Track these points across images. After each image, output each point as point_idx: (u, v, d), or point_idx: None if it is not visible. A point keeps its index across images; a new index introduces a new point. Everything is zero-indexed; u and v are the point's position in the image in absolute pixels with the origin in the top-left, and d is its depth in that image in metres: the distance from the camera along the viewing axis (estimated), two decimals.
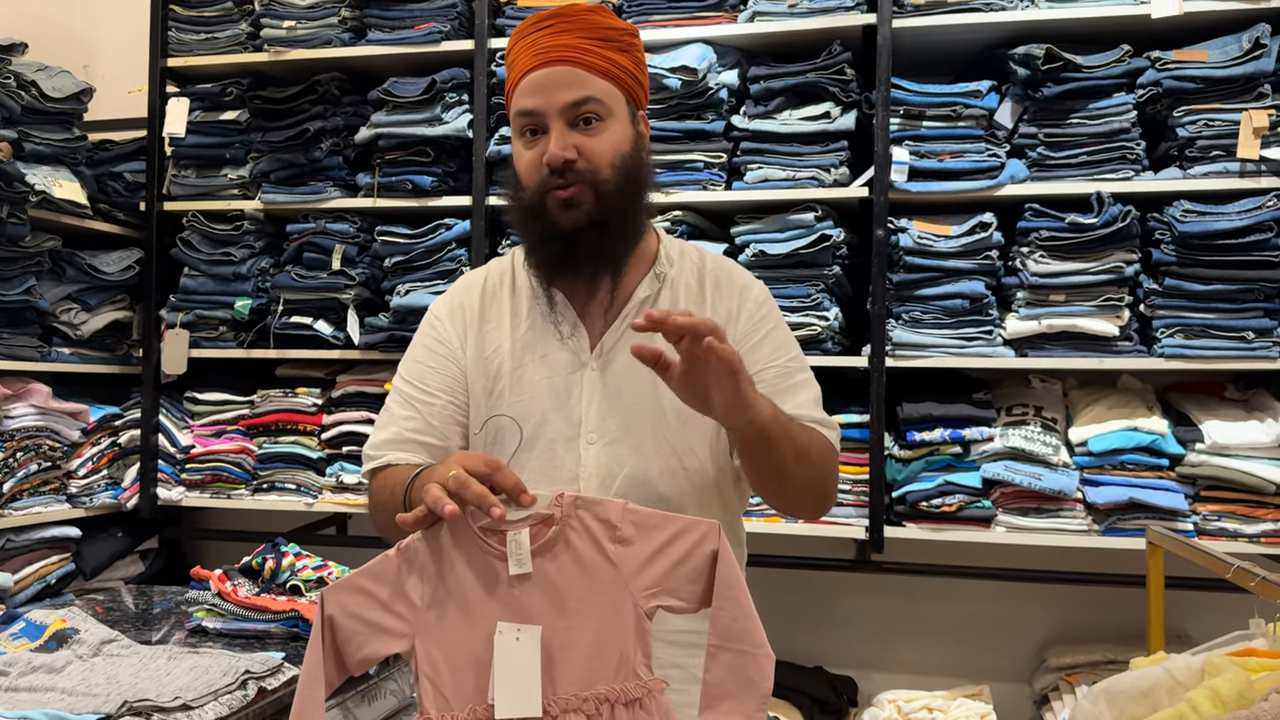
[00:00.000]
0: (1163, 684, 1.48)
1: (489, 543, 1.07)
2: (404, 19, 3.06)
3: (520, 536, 1.06)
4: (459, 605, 1.06)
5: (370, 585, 1.07)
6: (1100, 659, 2.79)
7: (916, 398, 2.74)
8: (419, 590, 1.07)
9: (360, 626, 1.06)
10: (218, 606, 2.01)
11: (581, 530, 1.08)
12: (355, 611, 1.06)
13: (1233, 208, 2.54)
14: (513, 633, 1.04)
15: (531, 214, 1.38)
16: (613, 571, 1.07)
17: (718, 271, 1.50)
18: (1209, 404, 2.70)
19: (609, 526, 1.08)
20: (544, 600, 1.06)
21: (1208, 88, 2.58)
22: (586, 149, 1.35)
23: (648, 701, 1.06)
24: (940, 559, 2.87)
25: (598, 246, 1.38)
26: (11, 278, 2.94)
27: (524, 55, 1.37)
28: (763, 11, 2.81)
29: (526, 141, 1.38)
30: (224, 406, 3.23)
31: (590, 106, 1.35)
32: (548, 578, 1.06)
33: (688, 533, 1.08)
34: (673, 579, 1.07)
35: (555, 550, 1.07)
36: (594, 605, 1.07)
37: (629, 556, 1.07)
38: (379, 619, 1.06)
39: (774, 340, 1.46)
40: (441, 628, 1.06)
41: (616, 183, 1.37)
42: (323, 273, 3.08)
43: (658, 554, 1.08)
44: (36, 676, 1.55)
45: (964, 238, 2.68)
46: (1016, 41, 2.70)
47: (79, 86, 3.16)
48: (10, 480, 2.89)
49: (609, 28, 1.39)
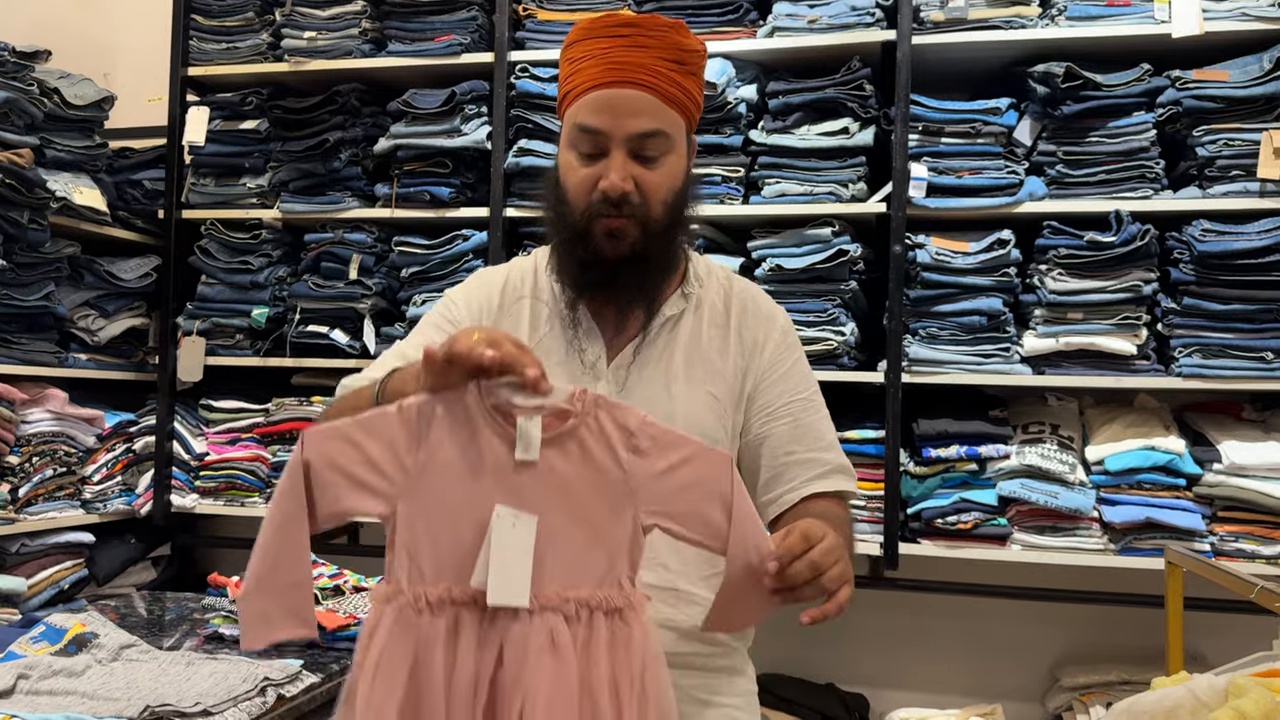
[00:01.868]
0: (1186, 704, 1.46)
1: (498, 422, 1.01)
2: (424, 31, 3.07)
3: (532, 423, 1.01)
4: (453, 479, 1.00)
5: (360, 437, 0.99)
6: (1115, 679, 2.78)
7: (932, 414, 2.73)
8: (412, 454, 1.00)
9: (339, 479, 0.98)
10: (235, 613, 2.00)
11: (596, 431, 1.03)
12: (337, 462, 0.98)
13: (1252, 227, 2.54)
14: (510, 518, 0.98)
15: (575, 235, 1.35)
16: (621, 478, 1.03)
17: (744, 296, 1.49)
18: (1227, 424, 2.69)
19: (626, 433, 1.03)
20: (544, 492, 1.00)
21: (1228, 107, 2.58)
22: (645, 184, 1.33)
23: (628, 613, 1.01)
24: (955, 576, 2.86)
25: (637, 279, 1.36)
26: (31, 283, 2.95)
27: (594, 65, 1.32)
28: (782, 27, 2.82)
29: (582, 159, 1.34)
30: (239, 414, 3.23)
31: (656, 141, 1.33)
32: (553, 470, 1.01)
33: (701, 459, 1.04)
34: (677, 502, 1.03)
35: (566, 445, 1.02)
36: (594, 507, 1.02)
37: (640, 467, 1.03)
38: (362, 474, 0.99)
39: (798, 372, 1.46)
40: (430, 497, 0.99)
41: (665, 219, 1.35)
42: (340, 282, 3.09)
43: (668, 472, 1.03)
44: (57, 680, 1.55)
45: (982, 254, 2.68)
46: (1036, 59, 2.70)
47: (100, 94, 3.18)
48: (26, 485, 2.89)
49: (685, 49, 1.35)
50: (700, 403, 1.40)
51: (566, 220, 1.36)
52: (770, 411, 1.42)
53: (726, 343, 1.44)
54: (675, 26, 1.35)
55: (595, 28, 1.34)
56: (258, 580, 0.99)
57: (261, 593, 0.99)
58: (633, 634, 1.01)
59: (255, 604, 0.99)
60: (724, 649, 1.46)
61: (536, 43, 3.01)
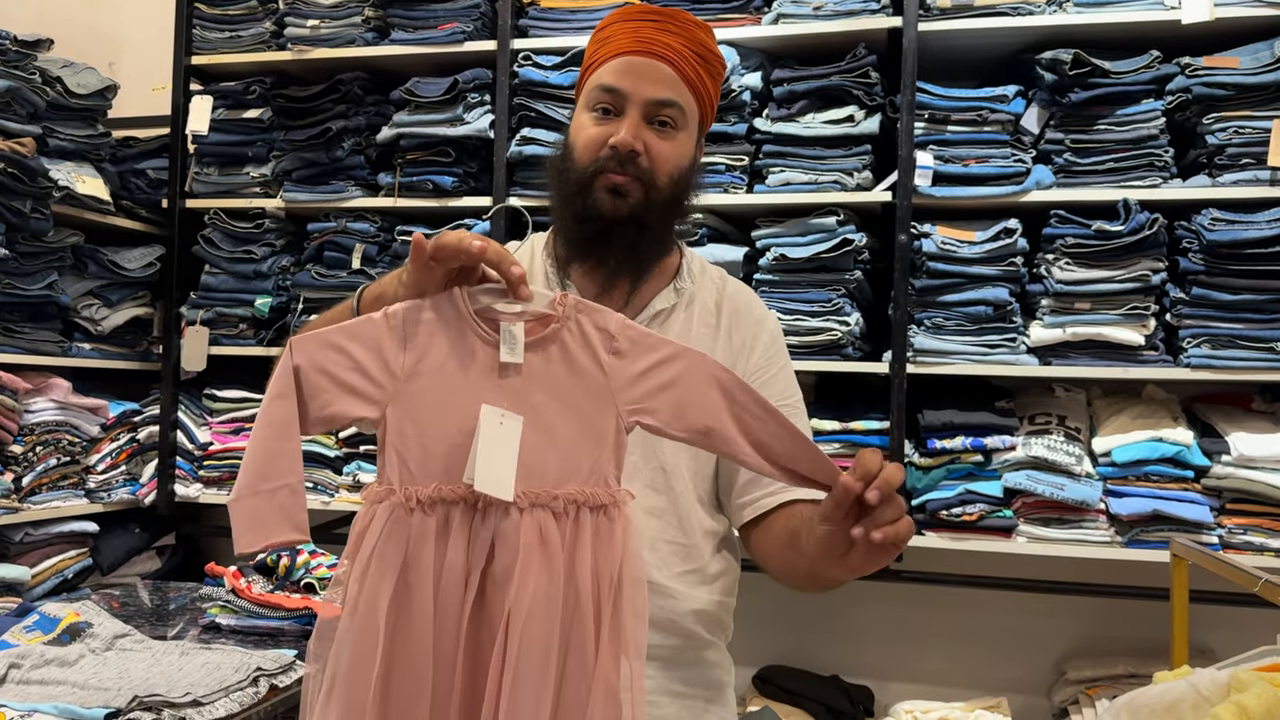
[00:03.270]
0: (1187, 699, 1.44)
1: (482, 326, 1.04)
2: (427, 19, 3.06)
3: (516, 327, 1.03)
4: (440, 382, 1.02)
5: (347, 343, 1.01)
6: (1121, 673, 2.76)
7: (938, 405, 2.71)
8: (399, 359, 1.02)
9: (328, 384, 1.00)
10: (231, 603, 2.00)
11: (577, 334, 1.05)
12: (326, 367, 1.00)
13: (1262, 216, 2.51)
14: (497, 416, 1.01)
15: (577, 188, 1.36)
16: (602, 379, 1.05)
17: (737, 300, 1.48)
18: (1236, 415, 2.66)
19: (606, 335, 1.06)
20: (529, 393, 1.03)
21: (1238, 94, 2.55)
22: (654, 149, 1.35)
23: (612, 510, 1.03)
24: (960, 569, 2.84)
25: (630, 243, 1.37)
26: (34, 273, 2.96)
27: (623, 37, 1.36)
28: (787, 14, 2.79)
29: (596, 118, 1.36)
30: (243, 404, 3.23)
31: (671, 112, 1.36)
32: (536, 372, 1.04)
33: (678, 359, 1.06)
34: (657, 399, 1.05)
35: (548, 348, 1.05)
36: (578, 408, 1.05)
37: (620, 369, 1.06)
38: (351, 380, 1.00)
39: (783, 378, 1.46)
40: (418, 401, 1.01)
41: (668, 192, 1.37)
42: (343, 271, 3.08)
43: (648, 372, 1.06)
44: (49, 670, 1.55)
45: (988, 244, 2.65)
46: (1044, 46, 2.67)
47: (103, 83, 3.17)
48: (30, 474, 2.90)
49: (708, 49, 1.40)
50: None
51: (570, 175, 1.37)
52: None
53: (715, 343, 1.44)
54: (703, 26, 1.40)
55: (628, 13, 1.39)
56: (250, 484, 0.98)
57: (255, 496, 0.98)
58: (615, 529, 1.04)
59: (248, 507, 0.98)
60: (700, 642, 1.42)
61: (539, 30, 2.99)
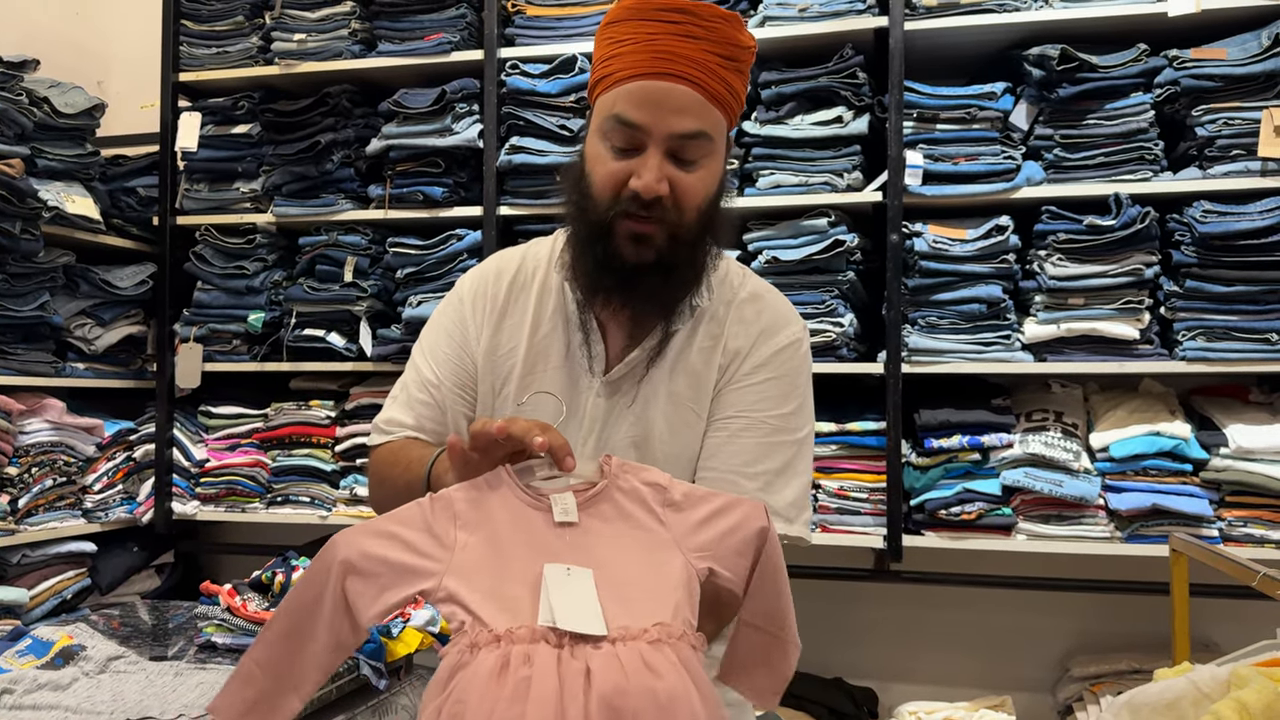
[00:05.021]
0: (1188, 696, 1.43)
1: (533, 497, 1.02)
2: (413, 30, 3.05)
3: (565, 497, 1.02)
4: (499, 551, 0.98)
5: (397, 529, 0.98)
6: (1125, 668, 2.74)
7: (934, 404, 2.70)
8: (451, 535, 0.98)
9: (383, 569, 0.95)
10: (227, 621, 1.99)
11: (629, 490, 1.04)
12: (381, 555, 0.96)
13: (1254, 207, 2.50)
14: (562, 570, 0.96)
15: (595, 234, 1.25)
16: (663, 531, 1.02)
17: (746, 306, 1.39)
18: (1233, 407, 2.65)
19: (658, 489, 1.04)
20: (592, 549, 0.99)
21: (1227, 86, 2.54)
22: (680, 188, 1.23)
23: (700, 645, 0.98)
24: (960, 568, 2.83)
25: (657, 291, 1.27)
26: (25, 294, 2.95)
27: (638, 51, 1.21)
28: (773, 16, 2.79)
29: (614, 152, 1.24)
30: (238, 420, 3.22)
31: (697, 144, 1.24)
32: (595, 529, 1.01)
33: (735, 507, 1.05)
34: (721, 547, 1.02)
35: (601, 508, 1.03)
36: (642, 558, 1.00)
37: (679, 521, 1.03)
38: (409, 560, 0.96)
39: (764, 392, 1.34)
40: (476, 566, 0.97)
41: (696, 228, 1.26)
42: (335, 285, 3.08)
43: (706, 521, 1.03)
44: (41, 694, 1.54)
45: (980, 241, 2.64)
46: (1031, 42, 2.67)
47: (91, 102, 3.16)
48: (26, 496, 2.89)
49: (737, 45, 1.25)
50: (681, 420, 1.35)
51: (588, 215, 1.26)
52: (714, 421, 1.33)
53: (715, 350, 1.37)
54: (730, 20, 1.24)
55: (643, 7, 1.23)
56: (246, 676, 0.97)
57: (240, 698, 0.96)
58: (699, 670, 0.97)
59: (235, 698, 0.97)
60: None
61: (526, 39, 2.99)
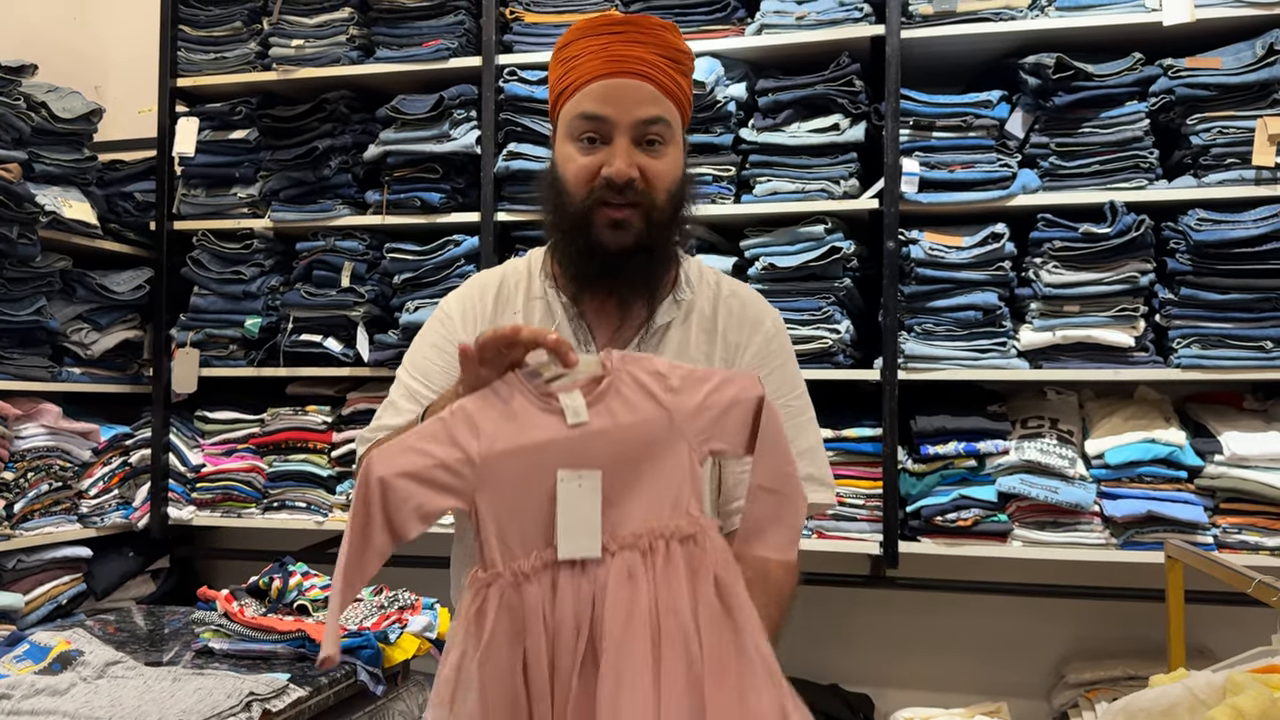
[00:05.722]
0: (1184, 702, 1.44)
1: (543, 399, 1.08)
2: (412, 36, 3.06)
3: (572, 396, 1.08)
4: (518, 458, 1.06)
5: (425, 445, 1.05)
6: (1120, 675, 2.75)
7: (930, 411, 2.71)
8: (474, 446, 1.05)
9: (418, 488, 1.03)
10: (224, 627, 1.99)
11: (632, 383, 1.10)
12: (412, 470, 1.03)
13: (1248, 216, 2.51)
14: (574, 479, 1.05)
15: (575, 226, 1.33)
16: (666, 418, 1.09)
17: (732, 301, 1.47)
18: (1228, 415, 2.66)
19: (658, 377, 1.11)
20: (601, 447, 1.07)
21: (1221, 95, 2.55)
22: (649, 171, 1.32)
23: (701, 538, 1.07)
24: (956, 574, 2.83)
25: (640, 272, 1.35)
26: (22, 298, 2.95)
27: (592, 59, 1.32)
28: (770, 24, 2.80)
29: (583, 148, 1.33)
30: (234, 425, 3.22)
31: (659, 128, 1.32)
32: (603, 427, 1.08)
33: (730, 383, 1.12)
34: (720, 426, 1.10)
35: (609, 402, 1.09)
36: (649, 449, 1.08)
37: (680, 405, 1.09)
38: (439, 476, 1.04)
39: (777, 378, 1.43)
40: (502, 480, 1.06)
41: (668, 210, 1.35)
42: (332, 290, 3.08)
43: (706, 401, 1.10)
44: (39, 699, 1.54)
45: (976, 249, 2.65)
46: (1026, 51, 2.68)
47: (89, 107, 3.17)
48: (21, 500, 2.89)
49: (677, 49, 1.36)
50: None
51: (566, 211, 1.34)
52: None
53: (713, 347, 1.43)
54: (668, 27, 1.36)
55: (590, 27, 1.34)
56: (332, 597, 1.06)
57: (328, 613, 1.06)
58: (705, 554, 1.07)
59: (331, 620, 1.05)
60: None
61: (524, 46, 2.99)
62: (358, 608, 2.11)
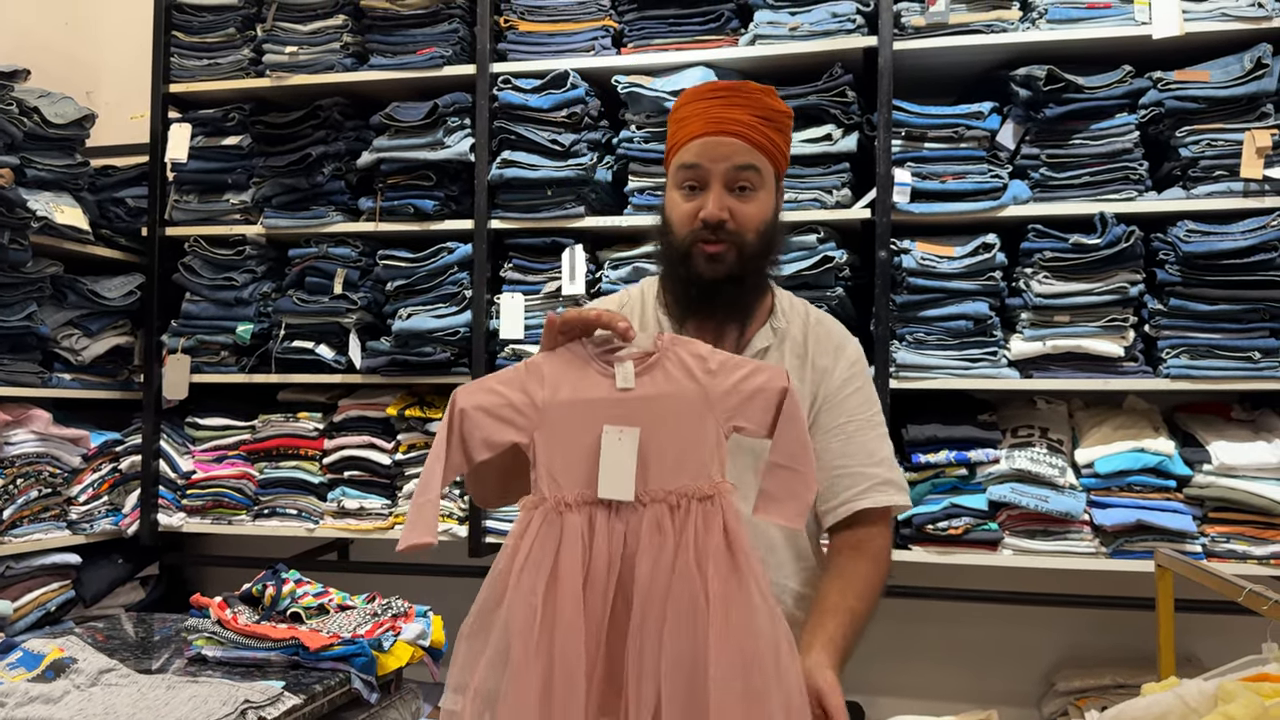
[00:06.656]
0: (1175, 710, 1.45)
1: (602, 364, 1.30)
2: (406, 44, 3.07)
3: (626, 364, 1.29)
4: (574, 409, 1.28)
5: (498, 386, 1.29)
6: (1110, 683, 2.76)
7: (921, 419, 2.72)
8: (539, 393, 1.28)
9: (487, 419, 1.27)
10: (217, 634, 1.98)
11: (677, 361, 1.30)
12: (484, 406, 1.27)
13: (1237, 227, 2.54)
14: (616, 433, 1.25)
15: (679, 259, 1.55)
16: (701, 395, 1.28)
17: (819, 330, 1.67)
18: (1216, 424, 2.68)
19: (700, 359, 1.30)
20: (643, 410, 1.27)
21: (1210, 108, 2.58)
22: (738, 213, 1.52)
23: (717, 499, 1.24)
24: (947, 582, 2.84)
25: (733, 299, 1.57)
26: (13, 303, 2.94)
27: (696, 120, 1.53)
28: (764, 35, 2.81)
29: (685, 194, 1.54)
30: (225, 431, 3.21)
31: (748, 175, 1.52)
32: (647, 394, 1.28)
33: (760, 372, 1.30)
34: (747, 408, 1.29)
35: (655, 374, 1.29)
36: (683, 419, 1.28)
37: (714, 385, 1.29)
38: (505, 413, 1.27)
39: (859, 397, 1.63)
40: (557, 425, 1.27)
41: (758, 246, 1.55)
42: (324, 297, 3.08)
43: (736, 386, 1.29)
44: (33, 707, 1.53)
45: (967, 259, 2.67)
46: (1018, 63, 2.70)
47: (81, 112, 3.16)
48: (10, 507, 2.87)
49: (773, 109, 1.55)
50: None
51: (672, 246, 1.57)
52: (828, 430, 1.60)
53: (804, 370, 1.62)
54: (766, 91, 1.55)
55: (697, 94, 1.56)
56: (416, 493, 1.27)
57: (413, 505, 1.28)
58: (718, 513, 1.24)
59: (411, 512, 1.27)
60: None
61: (518, 54, 3.00)
62: (351, 615, 2.10)
